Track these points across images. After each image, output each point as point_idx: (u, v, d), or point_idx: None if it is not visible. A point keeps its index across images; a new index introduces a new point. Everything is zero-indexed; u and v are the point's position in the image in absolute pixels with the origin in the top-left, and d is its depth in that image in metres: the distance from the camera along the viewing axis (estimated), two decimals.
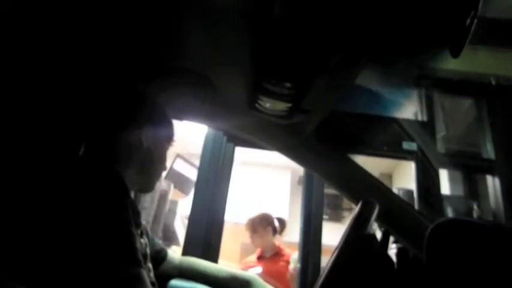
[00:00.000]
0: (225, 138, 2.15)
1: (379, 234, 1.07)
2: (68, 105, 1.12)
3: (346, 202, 6.12)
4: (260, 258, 3.00)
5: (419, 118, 2.47)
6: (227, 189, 2.10)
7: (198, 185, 2.09)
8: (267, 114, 1.21)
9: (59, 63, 1.10)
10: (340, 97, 1.28)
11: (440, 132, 2.57)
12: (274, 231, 3.01)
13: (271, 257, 2.97)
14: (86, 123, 1.09)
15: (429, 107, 2.51)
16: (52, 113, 1.10)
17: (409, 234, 1.34)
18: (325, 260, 1.01)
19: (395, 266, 0.92)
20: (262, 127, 1.38)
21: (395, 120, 2.17)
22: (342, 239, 0.90)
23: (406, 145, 2.16)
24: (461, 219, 1.03)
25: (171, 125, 1.18)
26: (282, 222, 3.12)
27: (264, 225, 3.00)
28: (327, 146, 1.42)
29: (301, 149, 1.45)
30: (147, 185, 1.16)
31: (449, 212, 2.38)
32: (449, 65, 2.37)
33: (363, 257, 0.85)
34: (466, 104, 2.77)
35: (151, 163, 1.12)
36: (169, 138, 1.18)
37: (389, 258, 0.93)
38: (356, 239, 0.85)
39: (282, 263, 2.88)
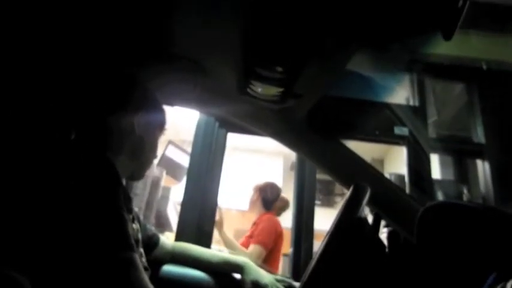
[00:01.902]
0: (217, 124, 2.14)
1: (370, 218, 1.08)
2: (57, 90, 1.11)
3: (338, 187, 6.16)
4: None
5: (411, 103, 2.48)
6: (219, 175, 2.09)
7: (190, 171, 2.08)
8: (258, 99, 1.20)
9: (49, 47, 1.08)
10: (332, 82, 1.28)
11: (432, 117, 2.58)
12: (266, 204, 2.95)
13: (252, 226, 2.93)
14: (76, 109, 1.08)
15: (421, 92, 2.51)
16: (41, 98, 1.08)
17: (400, 218, 1.35)
18: (318, 245, 1.02)
19: (387, 249, 0.93)
20: (253, 112, 1.37)
21: (387, 105, 2.17)
22: (334, 222, 0.90)
23: (398, 130, 2.16)
24: (450, 202, 1.04)
25: (163, 112, 1.17)
26: (284, 203, 3.04)
27: (258, 192, 2.98)
28: (318, 131, 1.42)
29: (292, 134, 1.45)
30: (138, 173, 1.16)
31: (440, 196, 2.41)
32: (441, 49, 2.37)
33: (354, 241, 0.86)
34: (457, 88, 2.78)
35: (143, 151, 1.11)
36: (161, 126, 1.17)
37: (380, 241, 0.94)
38: (348, 222, 0.86)
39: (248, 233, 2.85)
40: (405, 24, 0.84)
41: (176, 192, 2.90)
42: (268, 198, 2.96)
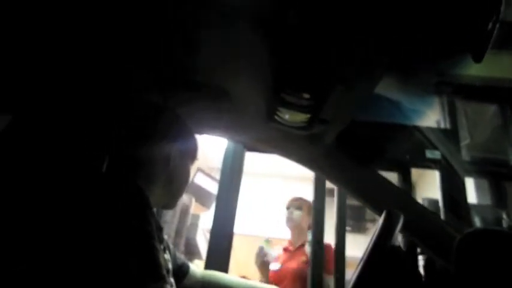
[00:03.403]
0: (245, 150, 2.15)
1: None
2: (89, 122, 1.14)
3: (369, 213, 6.03)
4: (286, 250, 2.81)
5: (442, 126, 2.42)
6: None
7: (219, 198, 2.08)
8: (286, 126, 1.20)
9: (79, 75, 1.12)
10: (360, 106, 1.27)
11: (465, 139, 2.51)
12: None
13: (297, 249, 2.74)
14: (107, 140, 1.10)
15: (452, 114, 2.46)
16: (73, 129, 1.11)
17: (436, 245, 1.31)
18: (349, 273, 0.99)
19: (423, 278, 0.90)
20: (281, 139, 1.37)
21: (418, 129, 2.13)
22: (366, 251, 0.88)
23: (430, 154, 2.11)
24: (490, 229, 1.00)
25: (195, 141, 1.18)
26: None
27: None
28: (348, 156, 1.41)
29: (322, 160, 1.43)
30: (170, 202, 1.16)
31: (477, 222, 2.31)
32: (472, 70, 2.32)
33: (389, 270, 0.83)
34: (490, 110, 2.71)
35: (175, 180, 1.11)
36: (193, 155, 1.18)
37: (417, 271, 0.90)
38: (381, 251, 0.83)
39: (303, 258, 2.63)
40: (435, 47, 0.83)
41: (206, 220, 2.90)
42: None
